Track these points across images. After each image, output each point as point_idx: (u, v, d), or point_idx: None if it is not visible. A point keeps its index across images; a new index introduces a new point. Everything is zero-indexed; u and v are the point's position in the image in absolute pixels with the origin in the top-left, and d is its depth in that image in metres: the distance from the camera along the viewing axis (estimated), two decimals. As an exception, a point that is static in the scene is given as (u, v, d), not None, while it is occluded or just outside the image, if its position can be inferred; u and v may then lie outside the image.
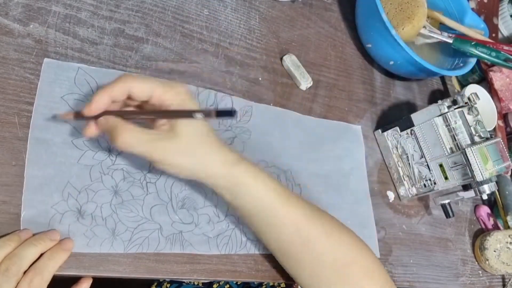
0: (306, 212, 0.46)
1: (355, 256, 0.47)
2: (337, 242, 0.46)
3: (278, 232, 0.46)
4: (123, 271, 0.45)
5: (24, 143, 0.44)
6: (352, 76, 0.72)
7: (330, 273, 0.46)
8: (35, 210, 0.42)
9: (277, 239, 0.46)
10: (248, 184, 0.43)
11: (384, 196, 0.67)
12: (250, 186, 0.43)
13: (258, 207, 0.44)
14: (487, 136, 0.60)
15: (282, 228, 0.45)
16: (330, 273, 0.46)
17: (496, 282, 0.75)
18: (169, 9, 0.57)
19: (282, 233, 0.45)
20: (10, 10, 0.47)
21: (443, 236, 0.71)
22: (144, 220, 0.47)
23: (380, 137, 0.69)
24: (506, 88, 0.81)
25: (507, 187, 0.76)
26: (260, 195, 0.44)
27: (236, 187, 0.43)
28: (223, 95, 0.57)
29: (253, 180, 0.43)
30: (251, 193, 0.44)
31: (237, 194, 0.44)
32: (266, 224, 0.45)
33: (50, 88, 0.46)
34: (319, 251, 0.46)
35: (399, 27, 0.69)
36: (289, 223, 0.45)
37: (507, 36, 0.89)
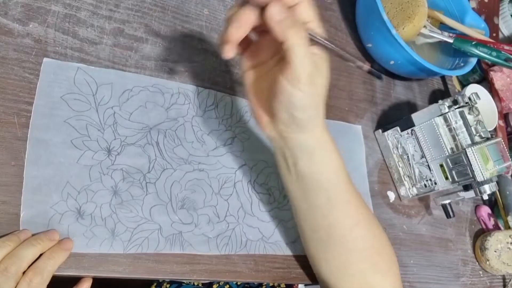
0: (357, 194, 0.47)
1: (385, 245, 0.49)
2: (377, 229, 0.48)
3: (331, 210, 0.45)
4: (122, 272, 0.45)
5: (23, 143, 0.43)
6: (352, 76, 0.72)
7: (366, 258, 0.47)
8: (35, 210, 0.42)
9: (327, 216, 0.46)
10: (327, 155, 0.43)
11: (384, 196, 0.67)
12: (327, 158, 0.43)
13: (324, 180, 0.44)
14: (487, 136, 0.60)
15: (336, 207, 0.45)
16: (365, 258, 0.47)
17: (497, 283, 0.75)
18: (169, 8, 0.57)
19: (335, 212, 0.45)
20: (10, 9, 0.46)
21: (443, 237, 0.71)
22: (143, 221, 0.47)
23: (380, 137, 0.69)
24: (506, 88, 0.80)
25: (507, 187, 0.76)
26: (336, 167, 0.44)
27: (317, 151, 0.43)
28: (223, 95, 0.57)
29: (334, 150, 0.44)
30: (326, 164, 0.44)
31: (313, 159, 0.43)
32: (324, 199, 0.45)
33: (50, 88, 0.46)
34: (363, 237, 0.47)
35: (400, 26, 0.69)
36: (346, 201, 0.46)
37: (507, 36, 0.89)
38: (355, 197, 0.47)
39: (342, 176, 0.45)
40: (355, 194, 0.47)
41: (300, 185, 0.45)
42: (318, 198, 0.45)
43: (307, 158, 0.43)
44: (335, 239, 0.47)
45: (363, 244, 0.47)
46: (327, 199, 0.45)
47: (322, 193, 0.45)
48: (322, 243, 0.48)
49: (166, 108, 0.52)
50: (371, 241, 0.48)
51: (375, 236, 0.48)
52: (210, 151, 0.54)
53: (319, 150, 0.43)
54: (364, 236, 0.47)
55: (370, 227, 0.48)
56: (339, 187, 0.45)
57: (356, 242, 0.47)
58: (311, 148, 0.43)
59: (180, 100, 0.54)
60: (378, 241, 0.48)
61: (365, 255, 0.47)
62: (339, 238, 0.46)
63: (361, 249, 0.47)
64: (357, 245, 0.47)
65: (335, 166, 0.45)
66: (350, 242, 0.47)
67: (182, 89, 0.54)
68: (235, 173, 0.55)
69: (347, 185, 0.46)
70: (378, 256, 0.48)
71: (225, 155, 0.55)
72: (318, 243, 0.48)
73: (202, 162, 0.53)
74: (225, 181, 0.54)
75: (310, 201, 0.46)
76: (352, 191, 0.46)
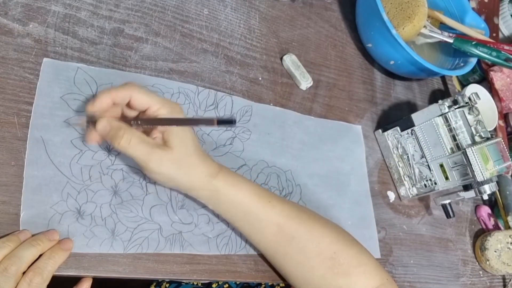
0: (286, 211, 0.48)
1: (339, 247, 0.49)
2: (320, 236, 0.48)
3: (263, 233, 0.48)
4: (122, 272, 0.45)
5: (23, 143, 0.43)
6: (352, 76, 0.72)
7: (318, 266, 0.48)
8: (35, 210, 0.42)
9: (263, 240, 0.48)
10: (228, 192, 0.46)
11: (384, 196, 0.67)
12: (230, 194, 0.46)
13: (240, 212, 0.47)
14: (487, 136, 0.60)
15: (265, 229, 0.47)
16: (318, 266, 0.48)
17: (497, 283, 0.75)
18: (169, 8, 0.57)
19: (266, 234, 0.48)
20: (10, 9, 0.46)
21: (443, 237, 0.71)
22: (143, 220, 0.47)
23: (380, 137, 0.69)
24: (506, 88, 0.80)
25: (507, 187, 0.76)
26: (240, 200, 0.46)
27: (217, 197, 0.46)
28: (223, 95, 0.57)
29: (232, 188, 0.46)
30: (232, 201, 0.46)
31: (219, 202, 0.47)
32: (251, 227, 0.48)
33: (50, 88, 0.46)
34: (304, 246, 0.48)
35: (400, 26, 0.69)
36: (271, 224, 0.47)
37: (507, 36, 0.89)
38: (284, 215, 0.47)
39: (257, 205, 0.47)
40: (285, 211, 0.48)
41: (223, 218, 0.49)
42: (243, 228, 0.48)
43: (211, 204, 0.47)
44: (278, 257, 0.49)
45: (308, 255, 0.48)
46: (249, 228, 0.48)
47: (243, 224, 0.48)
48: (273, 262, 0.51)
49: (166, 108, 0.52)
50: (317, 249, 0.48)
51: (321, 243, 0.48)
52: (210, 151, 0.54)
53: (216, 197, 0.46)
54: (305, 248, 0.47)
55: (311, 236, 0.48)
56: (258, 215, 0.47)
57: (299, 255, 0.48)
58: (207, 198, 0.47)
59: (180, 100, 0.54)
60: (329, 246, 0.48)
61: (316, 263, 0.48)
62: (281, 256, 0.49)
63: (308, 258, 0.48)
64: (302, 257, 0.48)
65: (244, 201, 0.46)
66: (294, 257, 0.48)
67: (182, 89, 0.54)
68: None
69: (268, 209, 0.47)
70: (330, 261, 0.48)
71: (225, 155, 0.55)
72: (271, 262, 0.51)
73: (202, 162, 0.53)
74: (225, 181, 0.54)
75: (239, 230, 0.49)
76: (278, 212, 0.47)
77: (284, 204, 0.49)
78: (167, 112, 0.43)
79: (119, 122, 0.42)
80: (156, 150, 0.42)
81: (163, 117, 0.43)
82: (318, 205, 0.59)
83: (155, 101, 0.42)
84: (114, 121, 0.42)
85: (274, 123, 0.60)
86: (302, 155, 0.61)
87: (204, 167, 0.45)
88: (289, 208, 0.48)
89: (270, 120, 0.60)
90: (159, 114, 0.43)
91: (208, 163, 0.45)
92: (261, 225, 0.47)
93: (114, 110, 0.44)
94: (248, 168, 0.56)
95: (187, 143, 0.43)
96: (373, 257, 0.51)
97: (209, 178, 0.45)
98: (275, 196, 0.49)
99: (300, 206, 0.51)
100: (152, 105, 0.42)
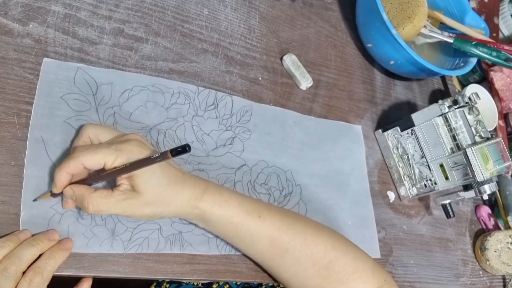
0: (278, 224, 0.47)
1: (334, 254, 0.48)
2: (314, 246, 0.48)
3: (256, 248, 0.48)
4: (122, 272, 0.45)
5: (23, 143, 0.43)
6: (352, 76, 0.72)
7: (314, 275, 0.48)
8: (34, 210, 0.42)
9: (257, 253, 0.49)
10: (215, 212, 0.45)
11: (384, 196, 0.67)
12: (218, 214, 0.45)
13: (231, 229, 0.47)
14: (487, 136, 0.60)
15: (258, 243, 0.47)
16: (313, 276, 0.48)
17: (497, 283, 0.75)
18: (169, 8, 0.57)
19: (260, 247, 0.48)
20: (10, 9, 0.46)
21: (443, 237, 0.71)
22: (143, 220, 0.47)
23: (380, 137, 0.69)
24: (506, 88, 0.80)
25: (507, 187, 0.76)
26: (229, 219, 0.46)
27: (205, 218, 0.46)
28: (223, 95, 0.57)
29: (219, 208, 0.45)
30: (220, 220, 0.46)
31: (209, 223, 0.46)
32: (244, 242, 0.48)
33: (50, 88, 0.46)
34: (298, 257, 0.47)
35: (400, 26, 0.69)
36: (263, 237, 0.47)
37: (507, 36, 0.89)
38: (276, 228, 0.47)
39: (248, 220, 0.46)
40: (277, 223, 0.47)
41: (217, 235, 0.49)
42: (236, 243, 0.49)
43: (201, 224, 0.47)
44: (274, 269, 0.49)
45: (303, 266, 0.48)
46: (244, 244, 0.48)
47: (235, 240, 0.48)
48: (270, 273, 0.51)
49: (166, 108, 0.52)
50: (311, 260, 0.48)
51: (315, 253, 0.48)
52: (210, 151, 0.54)
53: (204, 219, 0.46)
54: (299, 259, 0.47)
55: (305, 247, 0.47)
56: (249, 231, 0.46)
57: (294, 266, 0.48)
58: (196, 220, 0.47)
59: (180, 100, 0.54)
60: (323, 255, 0.48)
61: (311, 273, 0.48)
62: (276, 267, 0.49)
63: (304, 269, 0.48)
64: (297, 268, 0.48)
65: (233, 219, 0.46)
66: (290, 268, 0.48)
67: (182, 89, 0.54)
68: (235, 173, 0.55)
69: (259, 223, 0.46)
70: (326, 270, 0.48)
71: (225, 155, 0.55)
72: (270, 272, 0.51)
73: (202, 162, 0.53)
74: (225, 181, 0.54)
75: (233, 244, 0.49)
76: (269, 225, 0.47)
77: (276, 216, 0.48)
78: (124, 160, 0.41)
79: (82, 189, 0.41)
80: (125, 202, 0.41)
81: (120, 168, 0.41)
82: (318, 205, 0.59)
83: (108, 156, 0.40)
84: (77, 188, 0.41)
85: (274, 123, 0.60)
86: (302, 155, 0.61)
87: (184, 194, 0.43)
88: (281, 220, 0.48)
89: (270, 120, 0.60)
90: (117, 165, 0.41)
91: (189, 187, 0.44)
92: (253, 240, 0.47)
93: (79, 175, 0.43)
94: (248, 168, 0.56)
95: (156, 181, 0.42)
96: (370, 260, 0.51)
97: (193, 202, 0.44)
98: (266, 209, 0.48)
99: (294, 215, 0.51)
100: (107, 161, 0.40)
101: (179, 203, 0.43)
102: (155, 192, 0.42)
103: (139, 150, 0.42)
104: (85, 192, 0.41)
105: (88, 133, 0.43)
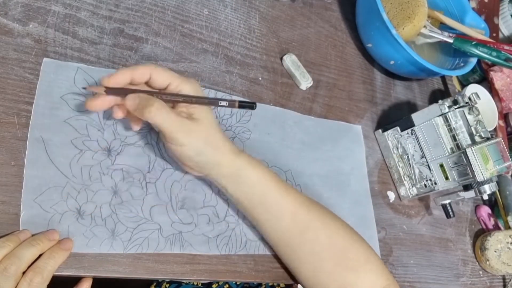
0: (302, 202, 0.48)
1: (350, 243, 0.49)
2: (333, 230, 0.49)
3: (277, 222, 0.47)
4: (122, 272, 0.45)
5: (23, 143, 0.43)
6: (352, 76, 0.72)
7: (329, 258, 0.48)
8: (34, 210, 0.42)
9: (276, 229, 0.48)
10: (249, 173, 0.46)
11: (384, 196, 0.67)
12: (251, 176, 0.46)
13: (258, 196, 0.46)
14: (487, 136, 0.60)
15: (280, 218, 0.47)
16: (328, 258, 0.48)
17: (497, 283, 0.75)
18: (169, 8, 0.57)
19: (281, 223, 0.47)
20: (10, 9, 0.46)
21: (443, 237, 0.71)
22: (143, 221, 0.47)
23: (380, 137, 0.69)
24: (506, 88, 0.80)
25: (507, 187, 0.76)
26: (259, 184, 0.46)
27: (238, 177, 0.46)
28: (223, 95, 0.57)
29: (253, 170, 0.46)
30: (251, 182, 0.46)
31: (239, 183, 0.46)
32: (265, 214, 0.47)
33: (50, 88, 0.46)
34: (317, 237, 0.48)
35: (400, 26, 0.69)
36: (287, 212, 0.47)
37: (507, 36, 0.89)
38: (298, 204, 0.47)
39: (274, 190, 0.47)
40: (299, 200, 0.48)
41: (240, 205, 0.48)
42: (259, 215, 0.48)
43: (231, 185, 0.47)
44: (291, 247, 0.49)
45: (320, 246, 0.48)
46: (265, 215, 0.47)
47: (259, 211, 0.47)
48: (285, 254, 0.50)
49: (166, 108, 0.52)
50: (329, 241, 0.48)
51: (333, 236, 0.48)
52: (210, 151, 0.54)
53: (237, 177, 0.46)
54: (318, 238, 0.48)
55: (324, 227, 0.48)
56: (275, 201, 0.47)
57: (312, 245, 0.48)
58: (229, 177, 0.46)
59: (180, 100, 0.54)
60: (340, 240, 0.48)
61: (327, 255, 0.48)
62: (294, 246, 0.48)
63: (321, 250, 0.48)
64: (314, 248, 0.48)
65: (263, 185, 0.46)
66: (307, 247, 0.48)
67: (182, 89, 0.54)
68: (235, 173, 0.55)
69: (284, 195, 0.47)
70: (342, 254, 0.48)
71: (225, 155, 0.55)
72: (283, 254, 0.50)
73: (202, 162, 0.53)
74: (225, 181, 0.54)
75: (255, 218, 0.49)
76: (292, 200, 0.47)
77: (301, 195, 0.49)
78: (189, 88, 0.43)
79: (147, 95, 0.42)
80: (185, 121, 0.42)
81: (186, 94, 0.43)
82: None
83: (175, 78, 0.43)
84: (142, 94, 0.42)
85: (274, 123, 0.60)
86: (302, 155, 0.61)
87: (226, 145, 0.45)
88: (305, 199, 0.49)
89: (270, 120, 0.60)
90: (180, 90, 0.43)
91: (229, 142, 0.46)
92: (277, 212, 0.47)
93: None
94: (248, 168, 0.56)
95: (211, 120, 0.44)
96: (379, 257, 0.51)
97: (233, 156, 0.45)
98: (292, 187, 0.49)
99: (313, 199, 0.51)
100: (173, 82, 0.43)
101: (223, 151, 0.44)
102: (211, 128, 0.44)
103: (198, 88, 0.44)
104: (151, 98, 0.41)
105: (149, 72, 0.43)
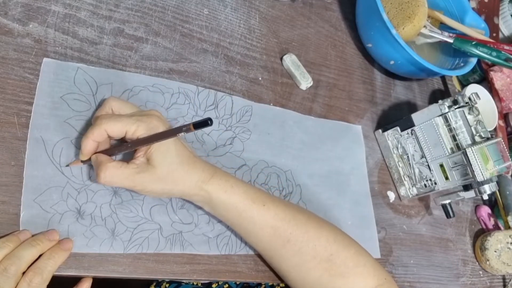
0: (281, 214, 0.48)
1: (336, 248, 0.49)
2: (316, 238, 0.48)
3: (258, 236, 0.48)
4: (122, 272, 0.45)
5: (23, 143, 0.43)
6: (352, 76, 0.72)
7: (315, 268, 0.48)
8: (34, 210, 0.42)
9: (259, 242, 0.49)
10: (221, 198, 0.46)
11: (384, 196, 0.67)
12: (224, 200, 0.46)
13: (235, 215, 0.47)
14: (487, 136, 0.60)
15: (261, 232, 0.48)
16: (314, 268, 0.48)
17: (497, 283, 0.75)
18: (169, 8, 0.57)
19: (262, 236, 0.48)
20: (10, 9, 0.46)
21: (443, 237, 0.71)
22: (143, 220, 0.47)
23: (380, 137, 0.69)
24: (506, 88, 0.80)
25: (507, 187, 0.76)
26: (234, 205, 0.46)
27: (210, 201, 0.46)
28: (223, 95, 0.57)
29: (224, 193, 0.46)
30: (225, 206, 0.46)
31: (214, 207, 0.47)
32: (246, 230, 0.48)
33: (50, 88, 0.46)
34: (300, 248, 0.48)
35: (400, 26, 0.69)
36: (266, 226, 0.47)
37: (507, 36, 0.89)
38: (279, 218, 0.48)
39: (251, 209, 0.47)
40: (280, 215, 0.48)
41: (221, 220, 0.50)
42: (239, 230, 0.49)
43: (206, 207, 0.48)
44: (275, 259, 0.49)
45: (304, 257, 0.48)
46: (247, 231, 0.48)
47: (238, 227, 0.48)
48: (271, 264, 0.51)
49: (166, 108, 0.52)
50: (313, 252, 0.48)
51: (316, 246, 0.48)
52: (210, 151, 0.54)
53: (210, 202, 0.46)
54: (301, 250, 0.48)
55: (307, 239, 0.48)
56: (251, 220, 0.47)
57: (295, 257, 0.48)
58: (201, 202, 0.47)
59: (180, 100, 0.54)
60: (324, 248, 0.48)
61: (312, 265, 0.48)
62: (278, 258, 0.49)
63: (305, 261, 0.48)
64: (298, 259, 0.48)
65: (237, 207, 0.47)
66: (291, 259, 0.48)
67: (182, 89, 0.54)
68: (235, 173, 0.55)
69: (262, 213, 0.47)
70: (327, 263, 0.48)
71: (225, 155, 0.55)
72: (270, 264, 0.51)
73: (202, 162, 0.53)
74: (225, 181, 0.54)
75: (237, 231, 0.49)
76: (272, 215, 0.47)
77: (280, 206, 0.48)
78: (144, 131, 0.42)
79: (101, 157, 0.43)
80: (137, 176, 0.42)
81: (140, 138, 0.42)
82: (318, 205, 0.59)
83: (129, 125, 0.42)
84: (98, 156, 0.43)
85: (274, 123, 0.60)
86: (302, 155, 0.61)
87: (193, 175, 0.45)
88: (284, 210, 0.48)
89: (270, 120, 0.60)
90: (137, 135, 0.43)
91: (198, 170, 0.45)
92: (256, 228, 0.47)
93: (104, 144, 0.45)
94: (248, 168, 0.56)
95: (171, 157, 0.43)
96: (371, 257, 0.51)
97: (200, 184, 0.45)
98: (270, 198, 0.48)
99: (297, 207, 0.51)
100: (128, 129, 0.42)
101: (187, 183, 0.44)
102: (168, 169, 0.43)
103: (158, 123, 0.43)
104: (103, 161, 0.42)
105: (111, 105, 0.44)
